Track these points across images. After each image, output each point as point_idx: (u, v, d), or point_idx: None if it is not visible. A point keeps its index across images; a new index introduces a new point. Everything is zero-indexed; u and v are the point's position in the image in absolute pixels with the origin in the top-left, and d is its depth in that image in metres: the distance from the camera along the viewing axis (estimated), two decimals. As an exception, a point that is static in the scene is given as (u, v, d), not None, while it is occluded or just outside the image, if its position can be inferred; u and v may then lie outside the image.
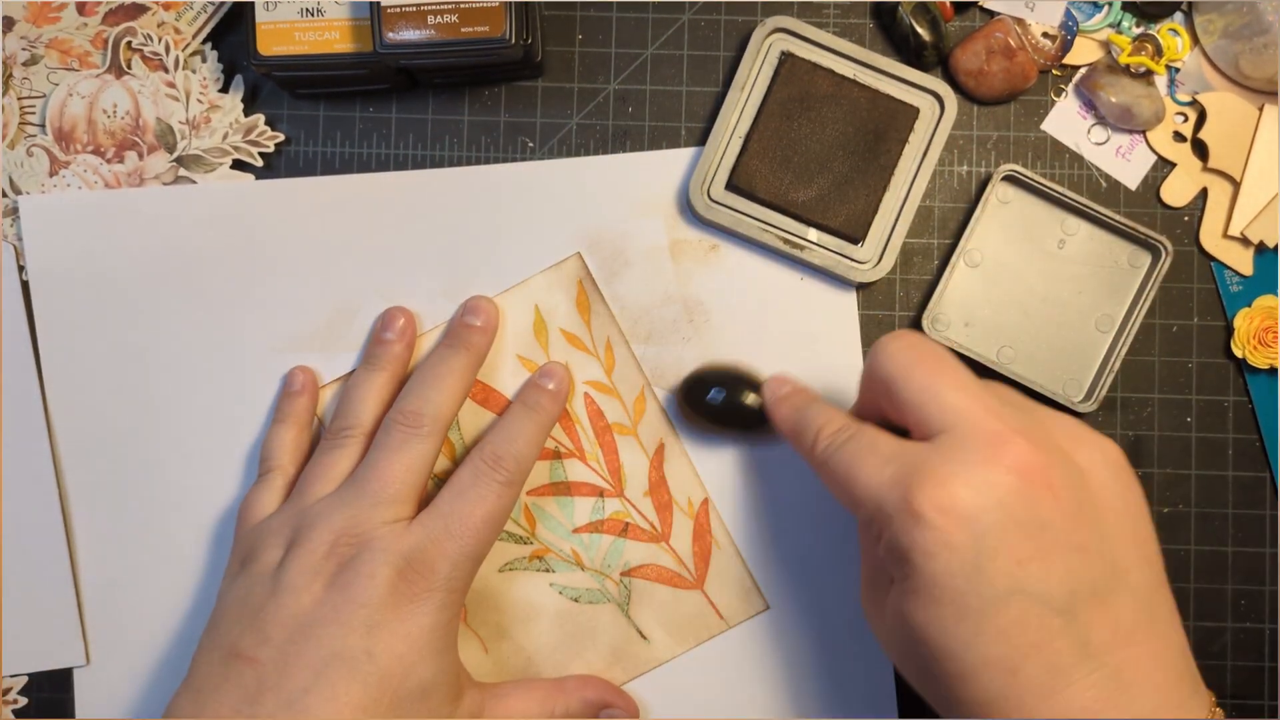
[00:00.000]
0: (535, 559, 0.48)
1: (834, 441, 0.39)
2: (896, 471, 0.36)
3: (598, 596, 0.48)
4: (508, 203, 0.48)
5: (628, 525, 0.48)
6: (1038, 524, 0.34)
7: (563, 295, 0.48)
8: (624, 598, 0.48)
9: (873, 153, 0.47)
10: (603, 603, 0.48)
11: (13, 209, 0.48)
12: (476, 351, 0.46)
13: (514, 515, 0.48)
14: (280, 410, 0.47)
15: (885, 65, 0.48)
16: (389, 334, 0.47)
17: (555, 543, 0.48)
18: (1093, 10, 0.49)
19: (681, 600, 0.48)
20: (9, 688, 0.47)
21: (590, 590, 0.48)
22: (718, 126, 0.48)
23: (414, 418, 0.44)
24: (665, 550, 0.48)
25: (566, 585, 0.48)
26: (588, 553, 0.48)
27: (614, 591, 0.48)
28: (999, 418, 0.36)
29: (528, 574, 0.48)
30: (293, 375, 0.47)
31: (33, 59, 0.48)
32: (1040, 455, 0.35)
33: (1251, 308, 0.48)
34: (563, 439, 0.48)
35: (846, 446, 0.38)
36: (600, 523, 0.48)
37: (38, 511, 0.47)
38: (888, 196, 0.47)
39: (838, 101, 0.48)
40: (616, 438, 0.48)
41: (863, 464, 0.37)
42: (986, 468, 0.34)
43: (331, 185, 0.48)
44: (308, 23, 0.45)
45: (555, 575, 0.48)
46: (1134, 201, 0.49)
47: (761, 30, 0.48)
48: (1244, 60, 0.48)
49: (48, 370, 0.48)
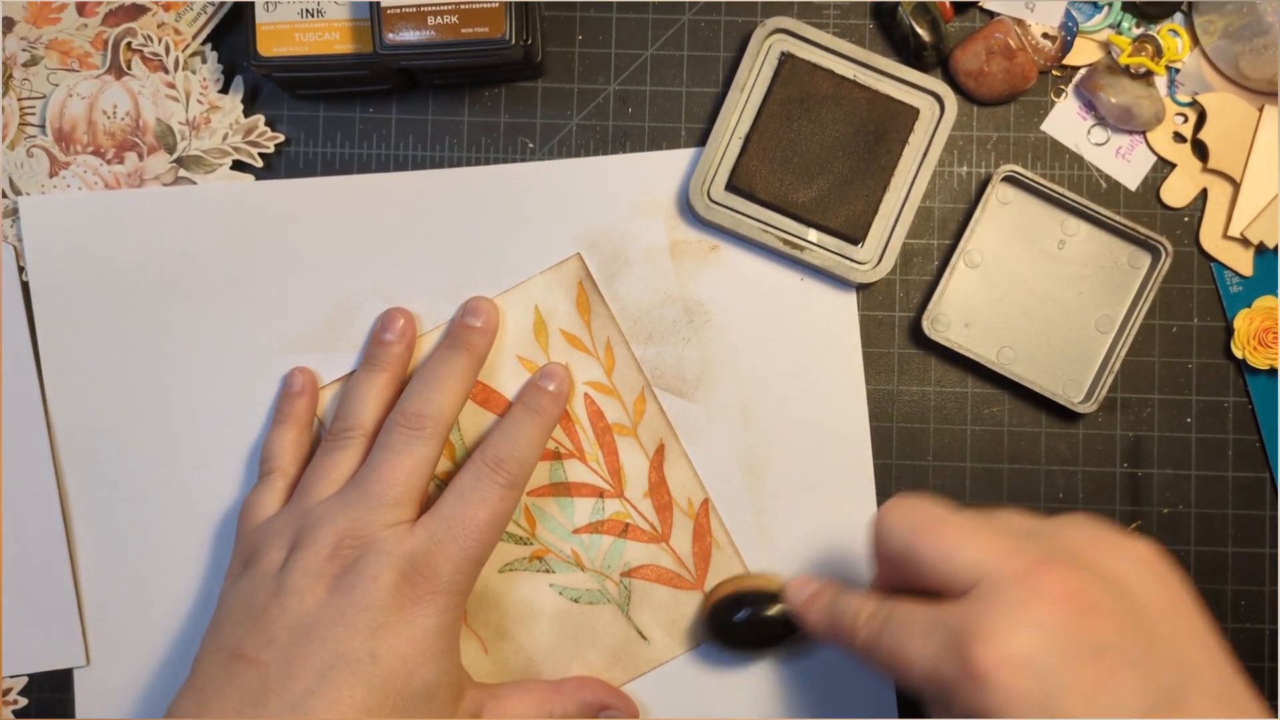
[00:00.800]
0: (535, 559, 0.48)
1: (871, 629, 0.38)
2: (943, 639, 0.35)
3: (598, 597, 0.48)
4: (508, 203, 0.48)
5: (628, 526, 0.48)
6: (1093, 650, 0.33)
7: (563, 296, 0.48)
8: (624, 598, 0.48)
9: (873, 153, 0.47)
10: (603, 603, 0.48)
11: (13, 209, 0.48)
12: (477, 352, 0.46)
13: (515, 517, 0.48)
14: (280, 411, 0.47)
15: (885, 66, 0.48)
16: (389, 335, 0.47)
17: (555, 543, 0.48)
18: (1093, 11, 0.49)
19: (681, 601, 0.48)
20: (9, 688, 0.48)
21: (590, 591, 0.48)
22: (718, 127, 0.48)
23: (416, 419, 0.44)
24: (665, 551, 0.48)
25: (566, 586, 0.48)
26: (588, 553, 0.48)
27: (614, 592, 0.48)
28: (1021, 554, 0.35)
29: (528, 574, 0.48)
30: (292, 376, 0.47)
31: (33, 60, 0.48)
32: (1075, 578, 0.34)
33: (1251, 308, 0.48)
34: (563, 439, 0.48)
35: (886, 630, 0.37)
36: (600, 523, 0.48)
37: (38, 511, 0.47)
38: (888, 197, 0.47)
39: (838, 102, 0.48)
40: (616, 438, 0.48)
41: (908, 643, 0.36)
42: (1027, 608, 0.34)
43: (331, 185, 0.48)
44: (308, 23, 0.45)
45: (555, 576, 0.48)
46: (1134, 202, 0.49)
47: (761, 31, 0.48)
48: (1244, 61, 0.48)
49: (48, 370, 0.48)
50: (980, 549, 0.36)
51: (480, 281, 0.48)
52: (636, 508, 0.48)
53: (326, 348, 0.48)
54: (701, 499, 0.48)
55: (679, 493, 0.48)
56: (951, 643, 0.35)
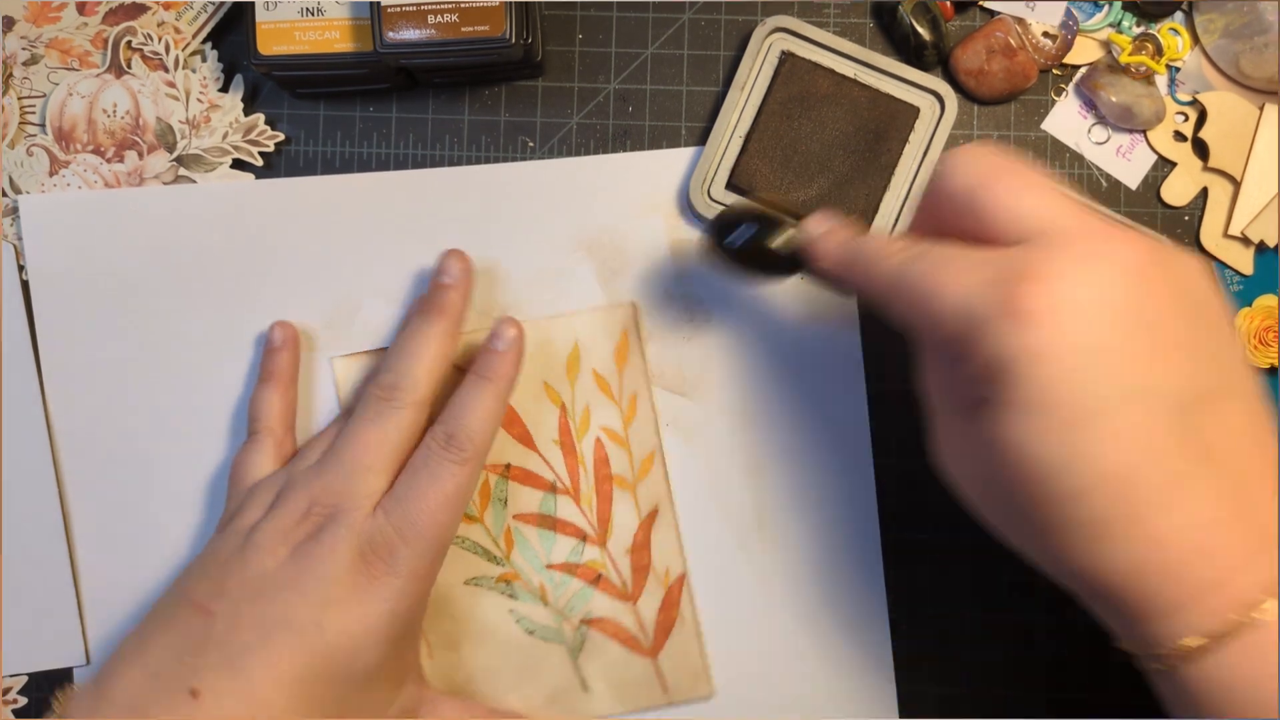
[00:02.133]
0: (503, 581, 0.47)
1: (908, 255, 0.35)
2: (994, 273, 0.32)
3: (552, 635, 0.47)
4: (508, 202, 0.48)
5: (600, 576, 0.47)
6: (1150, 323, 0.31)
7: (606, 337, 0.48)
8: (577, 645, 0.47)
9: (873, 152, 0.47)
10: (555, 643, 0.47)
11: (13, 209, 0.48)
12: (451, 312, 0.45)
13: (494, 535, 0.47)
14: (263, 368, 0.47)
15: (886, 65, 0.48)
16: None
17: (527, 572, 0.47)
18: (1093, 10, 0.49)
19: (631, 663, 0.47)
20: (9, 688, 0.47)
21: (546, 628, 0.47)
22: (718, 126, 0.48)
23: (388, 389, 0.43)
24: (630, 611, 0.47)
25: (526, 616, 0.47)
26: (555, 591, 0.47)
27: (569, 636, 0.47)
28: (1091, 216, 0.33)
29: (492, 594, 0.47)
30: (272, 331, 0.47)
31: (33, 58, 0.48)
32: (1144, 250, 0.32)
33: (1252, 308, 0.48)
34: (561, 474, 0.48)
35: (926, 257, 0.34)
36: (575, 566, 0.47)
37: (38, 511, 0.47)
38: (888, 196, 0.47)
39: (838, 101, 0.48)
40: (615, 489, 0.48)
41: (949, 271, 0.33)
42: (1095, 263, 0.31)
43: (331, 185, 0.48)
44: (308, 22, 0.45)
45: (517, 603, 0.47)
46: (1134, 201, 0.49)
47: (762, 30, 0.48)
48: (1244, 60, 0.48)
49: (48, 370, 0.48)
50: (1050, 200, 0.33)
51: (481, 280, 0.48)
52: (615, 561, 0.48)
53: (326, 348, 0.48)
54: (680, 573, 0.48)
55: (659, 559, 0.48)
56: (999, 278, 0.32)
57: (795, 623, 0.48)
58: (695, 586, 0.48)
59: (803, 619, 0.48)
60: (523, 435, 0.48)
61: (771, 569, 0.48)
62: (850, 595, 0.48)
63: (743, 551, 0.48)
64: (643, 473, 0.48)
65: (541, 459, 0.48)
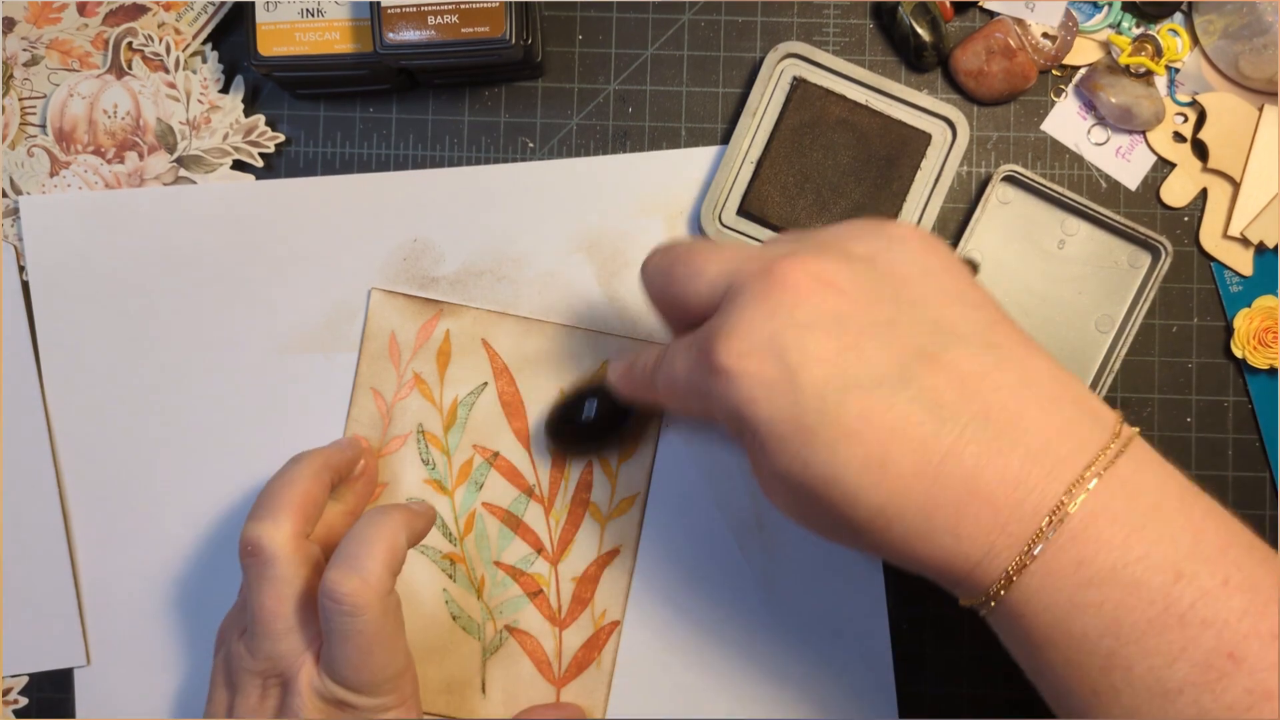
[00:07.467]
0: (447, 560, 0.47)
1: (656, 369, 0.39)
2: (696, 350, 0.35)
3: (474, 629, 0.47)
4: (508, 203, 0.48)
5: (541, 592, 0.47)
6: (833, 321, 0.33)
7: None
8: (493, 647, 0.47)
9: (885, 179, 0.47)
10: (474, 638, 0.47)
11: (13, 209, 0.48)
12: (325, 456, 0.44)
13: (458, 513, 0.47)
14: None
15: (897, 91, 0.47)
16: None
17: (473, 560, 0.47)
18: (1093, 10, 0.49)
19: (535, 685, 0.47)
20: (9, 688, 0.47)
21: (471, 620, 0.47)
22: (729, 152, 0.47)
23: (252, 549, 0.40)
24: (554, 636, 0.47)
25: (455, 601, 0.47)
26: (492, 589, 0.47)
27: (489, 636, 0.47)
28: (762, 257, 0.35)
29: (433, 568, 0.47)
30: None
31: (33, 59, 0.48)
32: (814, 263, 0.34)
33: (1251, 308, 0.48)
34: (543, 481, 0.48)
35: (662, 365, 0.38)
36: (520, 573, 0.47)
37: (38, 511, 0.47)
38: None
39: (850, 127, 0.47)
40: (587, 516, 0.48)
41: (675, 367, 0.37)
42: (764, 299, 0.33)
43: (331, 185, 0.49)
44: (308, 23, 0.45)
45: (453, 586, 0.47)
46: (1134, 202, 0.49)
47: (773, 56, 0.47)
48: (1244, 61, 0.48)
49: (48, 370, 0.48)
50: (725, 262, 0.36)
51: (482, 280, 0.48)
52: (559, 584, 0.48)
53: (326, 348, 0.48)
54: (615, 620, 0.47)
55: (602, 599, 0.47)
56: (700, 350, 0.35)
57: (795, 622, 0.48)
58: (626, 637, 0.47)
59: (803, 619, 0.48)
60: (521, 431, 0.48)
61: (772, 569, 0.48)
62: (850, 595, 0.48)
63: (742, 551, 0.48)
64: (619, 511, 0.48)
65: (530, 460, 0.48)
